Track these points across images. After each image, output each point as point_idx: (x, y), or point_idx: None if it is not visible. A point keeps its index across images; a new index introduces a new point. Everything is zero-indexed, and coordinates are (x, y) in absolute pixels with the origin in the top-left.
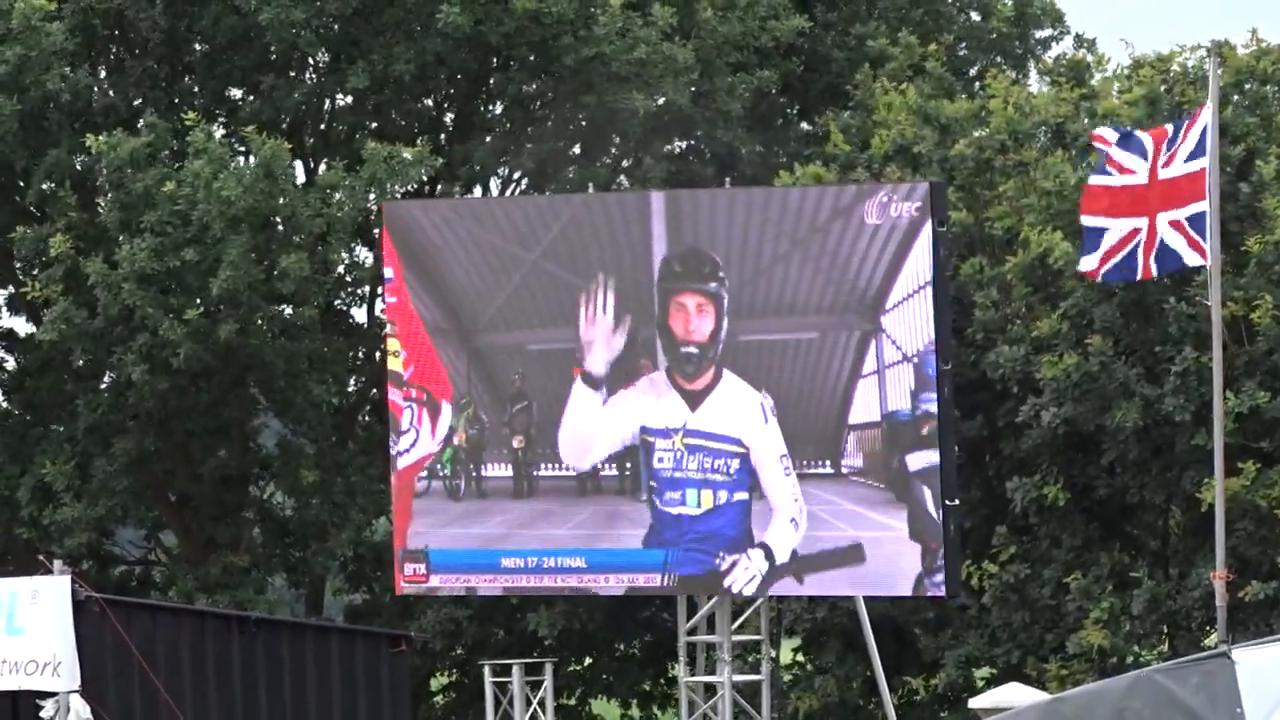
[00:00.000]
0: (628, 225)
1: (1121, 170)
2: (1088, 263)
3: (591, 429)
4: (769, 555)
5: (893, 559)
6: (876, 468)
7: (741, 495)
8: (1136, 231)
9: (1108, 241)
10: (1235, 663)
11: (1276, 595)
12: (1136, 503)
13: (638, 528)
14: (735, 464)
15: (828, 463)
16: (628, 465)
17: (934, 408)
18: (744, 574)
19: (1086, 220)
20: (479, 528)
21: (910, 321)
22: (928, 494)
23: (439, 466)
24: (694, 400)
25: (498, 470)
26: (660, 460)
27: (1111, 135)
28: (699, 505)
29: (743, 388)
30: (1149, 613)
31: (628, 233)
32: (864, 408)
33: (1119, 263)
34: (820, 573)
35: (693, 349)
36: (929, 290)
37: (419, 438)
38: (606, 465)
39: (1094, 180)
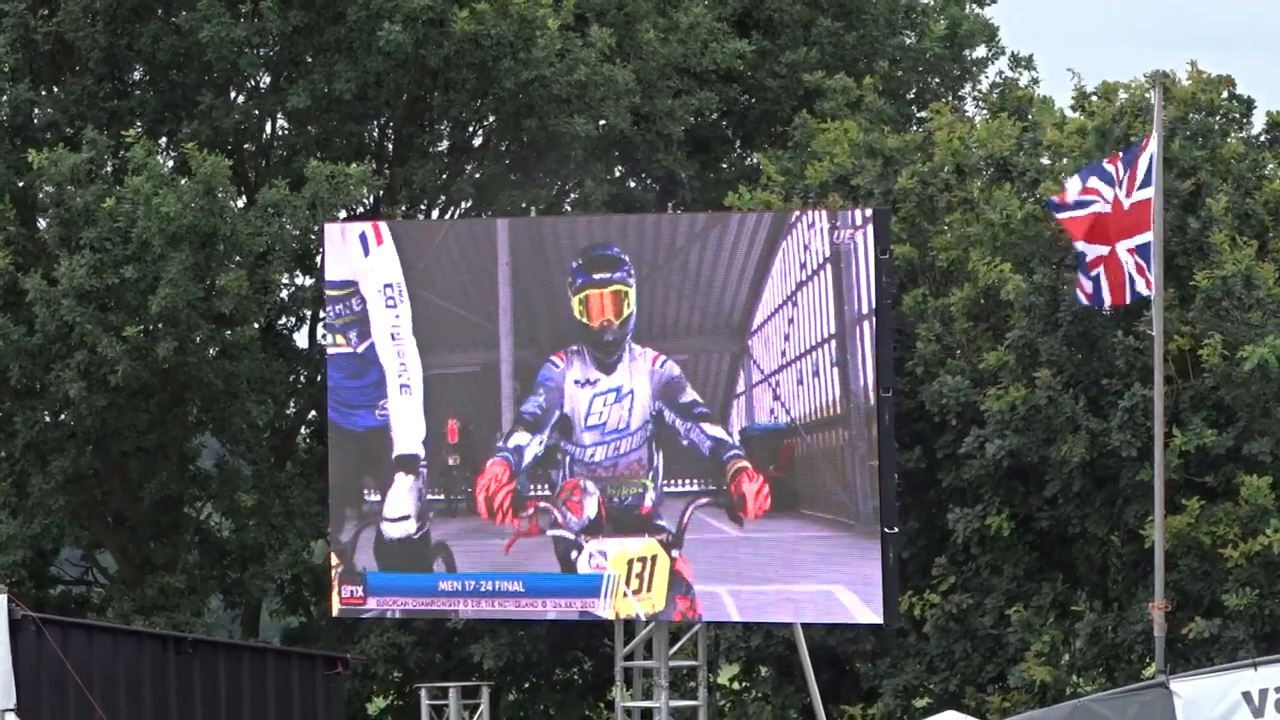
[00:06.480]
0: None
1: (1093, 196)
2: (1081, 290)
3: None
4: None
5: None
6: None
7: None
8: (1101, 259)
9: (1089, 268)
10: (1173, 693)
11: (1219, 632)
12: (1078, 534)
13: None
14: None
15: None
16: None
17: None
18: None
19: (1078, 246)
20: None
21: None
22: None
23: None
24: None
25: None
26: None
27: (1076, 182)
28: None
29: None
30: (1090, 645)
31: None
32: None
33: (1096, 289)
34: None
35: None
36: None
37: None
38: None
39: (1067, 215)
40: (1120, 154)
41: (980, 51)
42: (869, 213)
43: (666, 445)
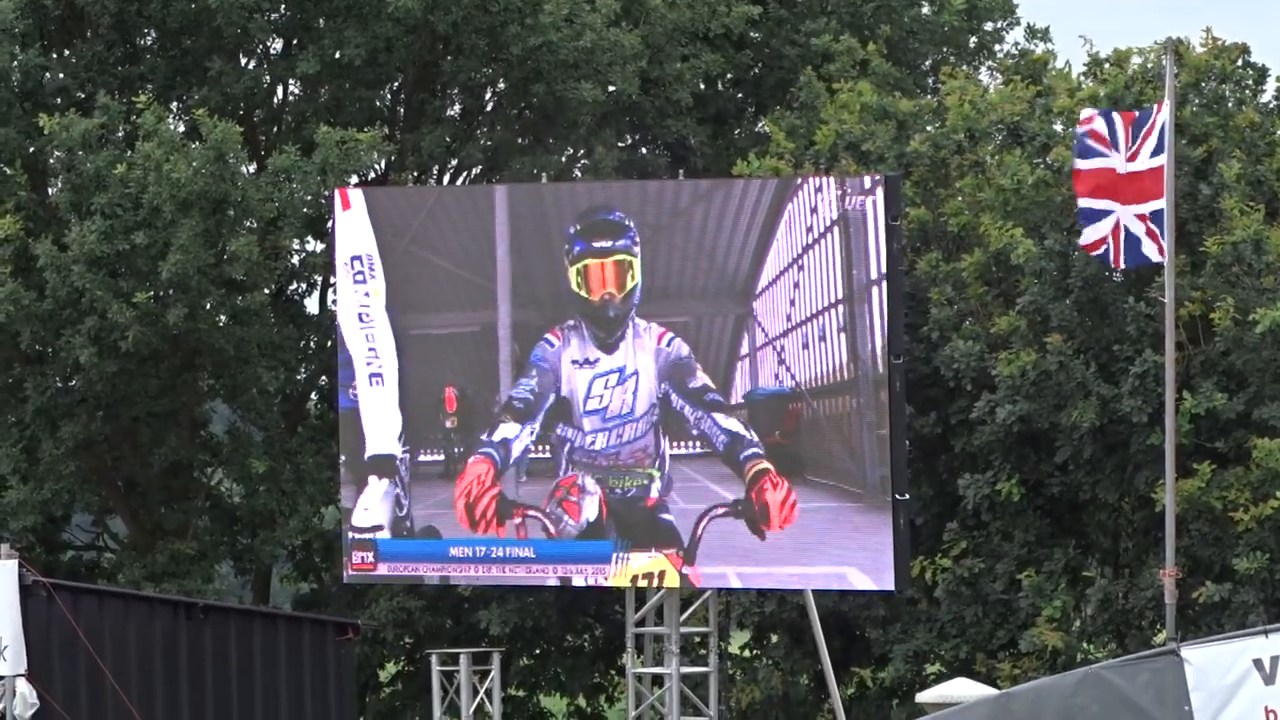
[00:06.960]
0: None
1: (1104, 145)
2: (1085, 238)
3: None
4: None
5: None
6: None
7: None
8: (1113, 217)
9: (1098, 222)
10: (1184, 660)
11: (1229, 597)
12: (1089, 500)
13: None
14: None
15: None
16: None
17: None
18: None
19: (1081, 202)
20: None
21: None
22: None
23: None
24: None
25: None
26: None
27: (1094, 115)
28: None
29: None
30: (1101, 611)
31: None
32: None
33: (1107, 247)
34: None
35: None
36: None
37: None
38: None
39: (1080, 164)
40: (1136, 111)
41: (997, 24)
42: (877, 178)
43: (674, 434)
